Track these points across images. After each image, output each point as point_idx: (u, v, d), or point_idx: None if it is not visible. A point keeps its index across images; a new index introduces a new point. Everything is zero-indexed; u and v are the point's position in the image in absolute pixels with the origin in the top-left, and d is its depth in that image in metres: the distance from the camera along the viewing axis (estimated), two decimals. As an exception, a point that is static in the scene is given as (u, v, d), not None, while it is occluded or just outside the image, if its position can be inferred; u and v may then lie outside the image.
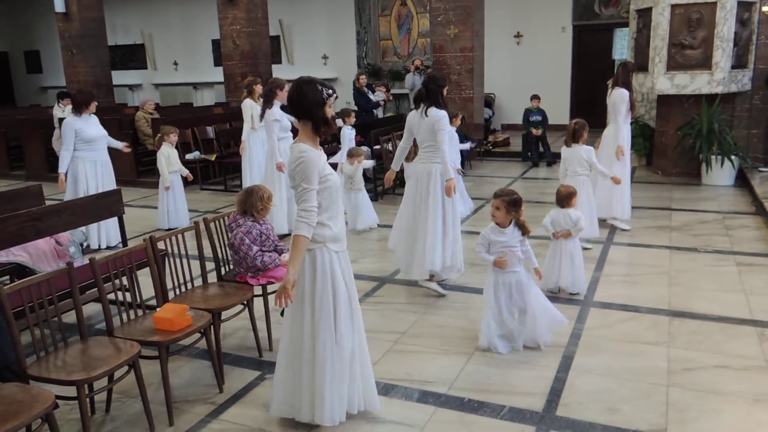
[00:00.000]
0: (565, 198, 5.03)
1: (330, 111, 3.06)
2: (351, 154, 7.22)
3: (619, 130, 6.74)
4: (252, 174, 7.67)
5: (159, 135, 7.33)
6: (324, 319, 3.08)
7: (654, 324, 4.39)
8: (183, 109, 14.26)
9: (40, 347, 3.14)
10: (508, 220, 3.99)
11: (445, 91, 5.01)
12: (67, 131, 6.36)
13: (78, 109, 6.37)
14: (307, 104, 2.98)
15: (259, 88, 7.58)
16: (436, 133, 4.86)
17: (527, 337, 4.06)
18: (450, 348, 4.11)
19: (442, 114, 4.89)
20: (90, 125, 6.45)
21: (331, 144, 9.29)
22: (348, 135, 8.20)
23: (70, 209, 4.76)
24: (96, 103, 6.54)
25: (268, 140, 6.86)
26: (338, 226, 3.14)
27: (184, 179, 7.50)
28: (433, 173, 4.93)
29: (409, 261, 5.14)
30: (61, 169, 6.38)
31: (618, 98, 6.72)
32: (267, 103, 6.72)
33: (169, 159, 7.23)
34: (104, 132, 6.60)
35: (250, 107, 7.58)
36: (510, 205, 3.95)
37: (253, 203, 4.13)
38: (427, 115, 4.89)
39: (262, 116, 6.83)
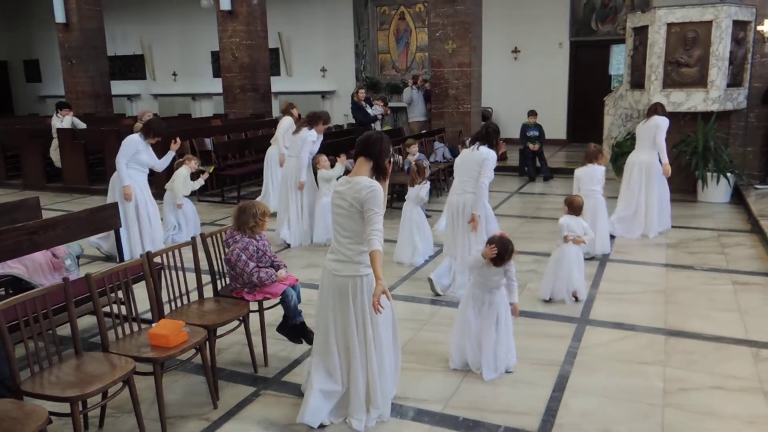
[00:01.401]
0: (580, 208, 5.33)
1: (389, 167, 3.47)
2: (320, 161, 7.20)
3: (662, 151, 7.02)
4: (272, 187, 8.36)
5: (180, 159, 7.48)
6: (388, 330, 3.48)
7: (650, 343, 4.40)
8: (181, 120, 14.29)
9: (34, 361, 3.13)
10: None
11: (500, 146, 5.38)
12: (129, 146, 6.43)
13: (146, 133, 6.46)
14: (380, 150, 3.38)
15: (295, 111, 8.27)
16: (480, 172, 5.16)
17: (480, 362, 3.96)
18: (445, 365, 4.09)
19: (492, 155, 5.23)
20: (147, 152, 6.54)
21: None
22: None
23: (66, 223, 4.75)
24: (160, 139, 6.60)
25: (297, 156, 7.10)
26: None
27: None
28: (468, 204, 5.25)
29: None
30: (128, 182, 6.43)
31: (662, 124, 7.01)
32: (309, 125, 7.13)
33: (185, 180, 7.36)
34: (152, 163, 6.69)
35: (289, 124, 8.06)
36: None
37: (246, 220, 4.13)
38: (478, 150, 5.22)
39: (296, 132, 7.25)
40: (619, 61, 13.97)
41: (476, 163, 5.21)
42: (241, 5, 12.69)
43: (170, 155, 6.87)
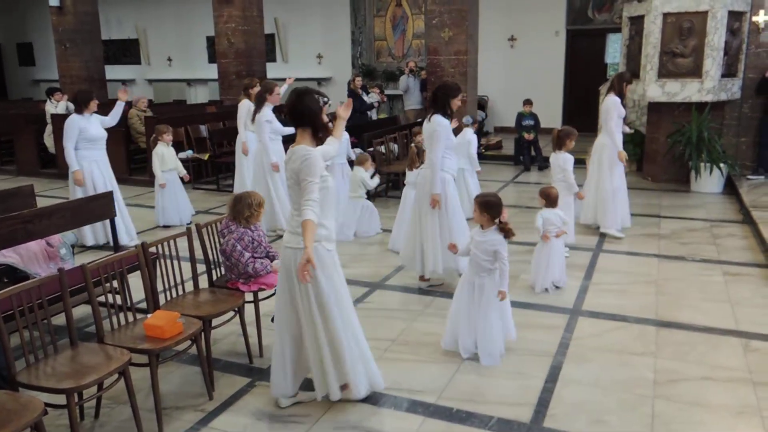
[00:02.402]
0: (556, 199, 5.27)
1: (325, 117, 3.31)
2: (361, 161, 6.91)
3: (612, 136, 6.77)
4: (243, 175, 7.71)
5: (153, 135, 7.35)
6: (335, 307, 3.32)
7: (641, 334, 4.44)
8: (176, 107, 14.21)
9: (29, 350, 3.14)
10: (483, 221, 3.99)
11: (455, 102, 5.02)
12: (71, 129, 6.34)
13: (79, 108, 6.38)
14: (308, 113, 3.25)
15: (254, 91, 7.54)
16: (431, 142, 4.94)
17: (474, 347, 4.06)
18: (439, 356, 4.13)
19: (444, 125, 4.94)
20: (92, 124, 6.44)
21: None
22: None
23: (60, 212, 4.74)
24: (96, 102, 6.50)
25: (259, 140, 6.96)
26: (332, 227, 3.36)
27: (181, 179, 7.54)
28: (427, 182, 5.07)
29: (414, 260, 5.37)
30: (76, 166, 6.36)
31: (611, 105, 6.78)
32: (258, 105, 6.87)
33: (163, 158, 7.29)
34: (105, 133, 6.59)
35: (247, 108, 7.53)
36: (482, 206, 3.96)
37: (241, 210, 4.13)
38: (430, 121, 4.99)
39: (253, 119, 6.93)
40: (615, 49, 13.93)
41: (428, 136, 4.95)
42: (237, -10, 12.58)
43: (119, 106, 6.72)
